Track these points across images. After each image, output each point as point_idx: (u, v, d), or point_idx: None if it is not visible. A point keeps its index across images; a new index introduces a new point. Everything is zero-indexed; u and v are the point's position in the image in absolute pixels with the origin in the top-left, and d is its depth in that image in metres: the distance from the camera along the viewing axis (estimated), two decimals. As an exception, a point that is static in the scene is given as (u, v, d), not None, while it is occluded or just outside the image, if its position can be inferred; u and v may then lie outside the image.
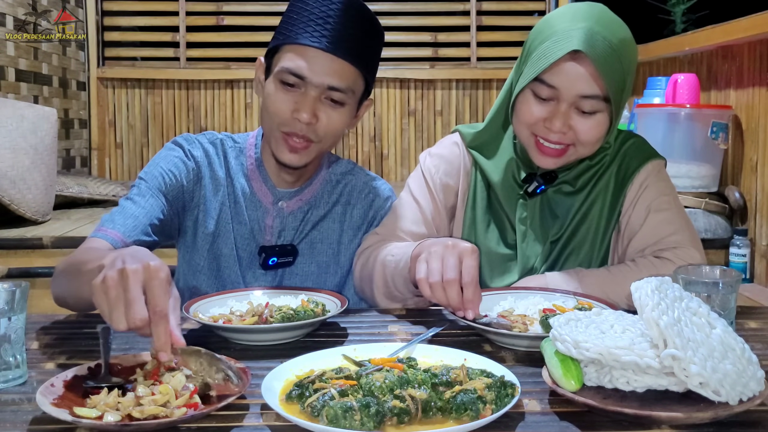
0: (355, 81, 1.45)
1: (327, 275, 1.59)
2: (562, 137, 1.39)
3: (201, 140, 1.58)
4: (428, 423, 0.89)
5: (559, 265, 1.50)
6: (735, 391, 0.88)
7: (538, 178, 1.47)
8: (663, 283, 0.98)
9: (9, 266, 2.54)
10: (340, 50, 1.40)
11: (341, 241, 1.60)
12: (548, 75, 1.37)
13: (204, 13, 4.23)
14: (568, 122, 1.38)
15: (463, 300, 1.20)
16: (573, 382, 0.94)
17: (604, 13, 1.40)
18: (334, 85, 1.41)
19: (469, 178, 1.57)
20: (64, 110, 3.83)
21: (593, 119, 1.38)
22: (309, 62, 1.40)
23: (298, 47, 1.41)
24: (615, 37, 1.36)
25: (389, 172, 4.30)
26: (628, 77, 1.39)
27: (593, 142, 1.41)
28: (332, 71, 1.41)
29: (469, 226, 1.55)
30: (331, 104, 1.43)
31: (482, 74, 4.24)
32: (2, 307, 1.00)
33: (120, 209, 1.47)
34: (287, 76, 1.41)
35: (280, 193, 1.56)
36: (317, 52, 1.40)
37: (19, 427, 0.89)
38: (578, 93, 1.36)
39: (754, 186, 2.54)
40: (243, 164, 1.58)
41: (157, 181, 1.49)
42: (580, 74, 1.35)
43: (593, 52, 1.33)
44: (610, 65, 1.34)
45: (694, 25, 3.43)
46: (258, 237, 1.56)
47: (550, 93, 1.38)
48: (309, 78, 1.40)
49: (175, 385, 0.93)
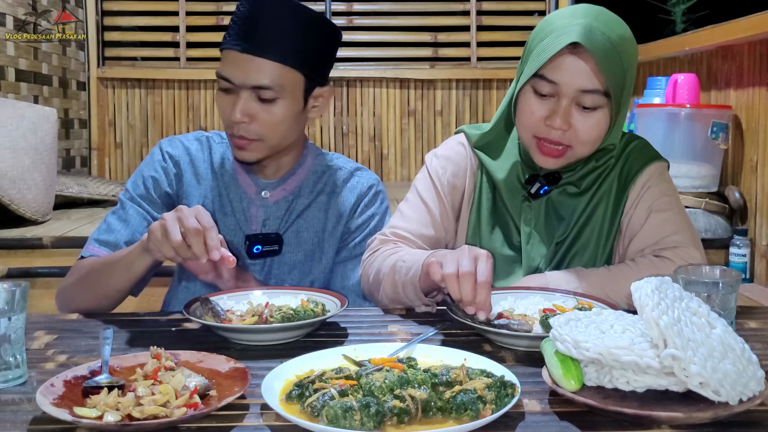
0: (281, 76, 1.47)
1: (313, 263, 1.62)
2: (562, 137, 1.39)
3: (184, 139, 1.65)
4: (428, 423, 0.89)
5: (564, 266, 1.50)
6: (735, 391, 0.88)
7: (540, 179, 1.47)
8: (663, 283, 0.98)
9: (9, 266, 2.54)
10: (258, 49, 1.45)
11: (325, 228, 1.63)
12: (548, 70, 1.37)
13: (204, 13, 4.24)
14: (569, 119, 1.38)
15: (476, 300, 1.20)
16: (573, 382, 0.94)
17: (603, 11, 1.41)
18: (257, 84, 1.46)
19: (475, 179, 1.57)
20: (64, 110, 3.83)
21: (594, 117, 1.38)
22: (232, 66, 1.47)
23: (225, 52, 1.49)
24: (614, 33, 1.36)
25: (389, 172, 4.30)
26: (628, 74, 1.39)
27: (593, 141, 1.41)
28: (253, 71, 1.45)
29: (474, 227, 1.54)
30: (261, 103, 1.48)
31: (482, 74, 4.24)
32: (2, 307, 1.00)
33: (106, 227, 1.56)
34: (221, 81, 1.49)
35: (263, 183, 1.61)
36: (237, 55, 1.46)
37: (19, 427, 0.89)
38: (578, 87, 1.36)
39: (754, 186, 2.54)
40: (229, 158, 1.63)
41: (140, 189, 1.59)
42: (580, 68, 1.35)
43: (592, 45, 1.33)
44: (609, 59, 1.34)
45: (694, 25, 3.43)
46: (243, 227, 1.60)
47: (550, 89, 1.38)
48: (233, 80, 1.47)
49: (175, 385, 0.93)
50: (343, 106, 4.26)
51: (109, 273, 1.42)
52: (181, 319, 1.34)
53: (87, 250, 1.53)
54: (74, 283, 1.49)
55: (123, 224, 1.54)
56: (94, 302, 1.46)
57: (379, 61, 4.21)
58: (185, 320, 1.32)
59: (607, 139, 1.44)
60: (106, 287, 1.43)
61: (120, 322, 1.33)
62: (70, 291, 1.50)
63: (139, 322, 1.35)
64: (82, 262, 1.52)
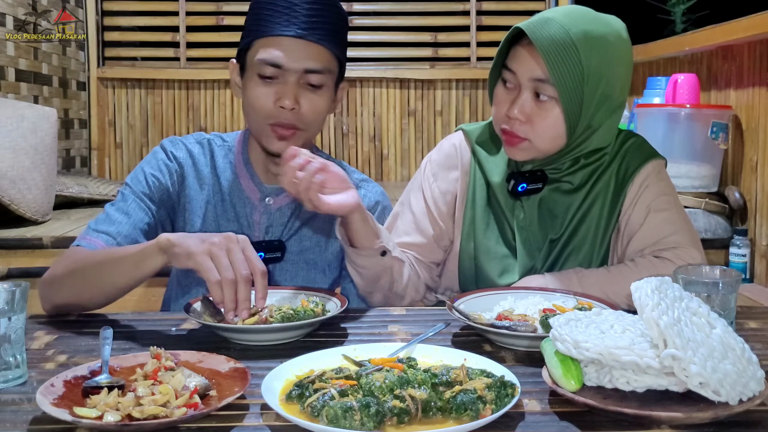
0: (330, 61, 1.49)
1: (316, 272, 1.61)
2: (519, 128, 1.41)
3: (186, 141, 1.62)
4: (428, 423, 0.89)
5: (559, 264, 1.50)
6: (735, 391, 0.88)
7: (516, 176, 1.47)
8: (663, 283, 0.98)
9: (9, 266, 2.54)
10: (311, 34, 1.45)
11: (330, 239, 1.61)
12: (509, 60, 1.43)
13: (204, 13, 4.23)
14: (524, 110, 1.40)
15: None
16: (573, 382, 0.94)
17: (582, 10, 1.42)
18: (311, 68, 1.45)
19: (468, 177, 1.57)
20: (64, 110, 3.83)
21: (547, 111, 1.39)
22: (284, 50, 1.44)
23: (270, 39, 1.45)
24: (577, 28, 1.36)
25: (389, 172, 4.30)
26: (592, 75, 1.37)
27: (548, 137, 1.42)
28: (307, 55, 1.45)
29: (468, 225, 1.55)
30: (310, 89, 1.47)
31: (482, 74, 4.23)
32: (2, 307, 1.00)
33: (105, 217, 1.50)
34: (265, 67, 1.45)
35: (267, 190, 1.58)
36: (289, 40, 1.44)
37: (19, 427, 0.89)
38: (530, 76, 1.39)
39: (754, 186, 2.54)
40: (231, 162, 1.60)
41: (142, 185, 1.54)
42: (530, 57, 1.39)
43: (535, 35, 1.36)
44: (556, 51, 1.35)
45: (694, 25, 3.43)
46: (246, 233, 1.56)
47: (512, 79, 1.42)
48: (286, 65, 1.44)
49: (175, 385, 0.93)
50: (343, 106, 4.25)
51: (112, 267, 1.33)
52: (181, 319, 1.34)
53: (84, 239, 1.45)
54: (66, 273, 1.38)
55: (124, 216, 1.49)
56: (86, 296, 1.36)
57: (379, 61, 4.21)
58: (185, 320, 1.32)
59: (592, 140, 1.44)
60: (105, 282, 1.34)
61: (120, 322, 1.33)
62: (59, 281, 1.39)
63: (139, 322, 1.35)
64: (76, 250, 1.43)
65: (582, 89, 1.37)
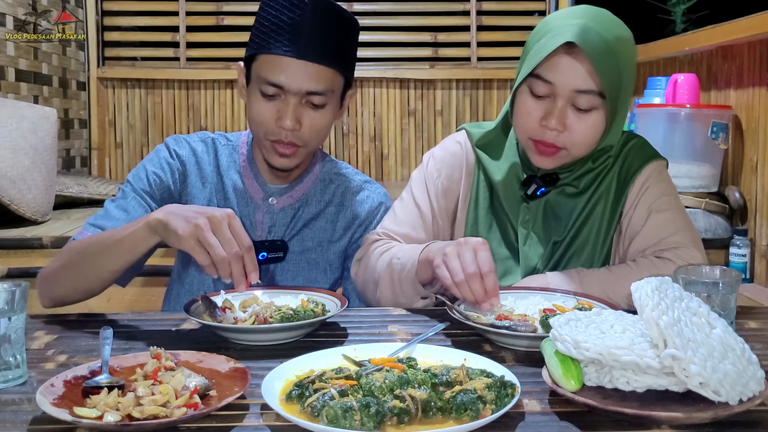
0: (333, 81, 1.47)
1: (318, 272, 1.61)
2: (557, 138, 1.39)
3: (190, 139, 1.62)
4: (428, 423, 0.89)
5: (562, 266, 1.50)
6: (735, 391, 0.88)
7: (537, 180, 1.47)
8: (663, 283, 0.98)
9: (9, 266, 2.54)
10: (313, 55, 1.42)
11: (332, 239, 1.62)
12: (543, 70, 1.37)
13: (204, 13, 4.23)
14: (564, 120, 1.38)
15: (486, 290, 1.24)
16: (573, 382, 0.94)
17: (602, 11, 1.41)
18: (312, 90, 1.44)
19: (471, 178, 1.57)
20: (64, 110, 3.83)
21: (589, 119, 1.38)
22: (285, 71, 1.43)
23: (273, 57, 1.44)
24: (611, 34, 1.36)
25: (389, 172, 4.30)
26: (625, 76, 1.39)
27: (588, 143, 1.41)
28: (308, 77, 1.43)
29: (471, 226, 1.55)
30: (312, 107, 1.46)
31: (482, 74, 4.24)
32: (2, 307, 1.00)
33: (104, 213, 1.50)
34: (266, 87, 1.45)
35: (271, 190, 1.59)
36: (291, 61, 1.43)
37: (19, 427, 0.89)
38: (573, 88, 1.36)
39: (754, 186, 2.54)
40: (236, 161, 1.60)
41: (143, 183, 1.54)
42: (575, 68, 1.35)
43: (587, 45, 1.33)
44: (604, 60, 1.34)
45: (694, 25, 3.43)
46: (249, 233, 1.57)
47: (546, 89, 1.38)
48: (287, 87, 1.43)
49: (175, 385, 0.93)
50: (343, 106, 4.26)
51: (106, 252, 1.34)
52: (181, 319, 1.34)
53: (81, 234, 1.46)
54: (63, 266, 1.41)
55: (122, 212, 1.50)
56: (83, 285, 1.39)
57: (379, 61, 4.21)
58: (185, 320, 1.32)
59: (604, 140, 1.44)
60: (101, 268, 1.35)
61: (120, 322, 1.33)
62: (56, 275, 1.42)
63: (139, 322, 1.35)
64: (72, 243, 1.44)
65: (619, 94, 1.39)
